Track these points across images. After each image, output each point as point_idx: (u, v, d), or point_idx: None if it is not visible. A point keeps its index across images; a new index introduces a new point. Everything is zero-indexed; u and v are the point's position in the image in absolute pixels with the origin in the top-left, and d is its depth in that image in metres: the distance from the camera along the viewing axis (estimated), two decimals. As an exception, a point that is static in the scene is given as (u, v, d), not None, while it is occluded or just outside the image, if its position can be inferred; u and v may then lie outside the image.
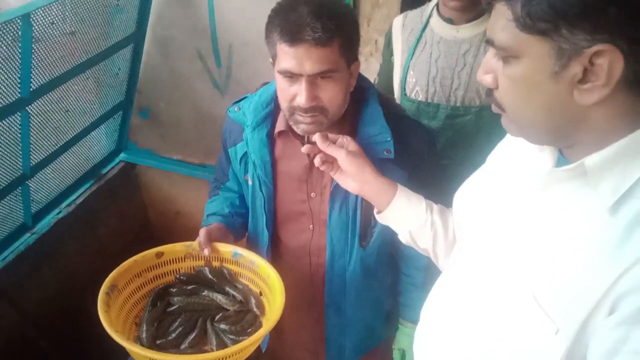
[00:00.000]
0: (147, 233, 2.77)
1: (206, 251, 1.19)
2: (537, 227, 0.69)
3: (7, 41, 1.46)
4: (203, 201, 1.39)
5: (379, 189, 0.95)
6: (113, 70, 2.13)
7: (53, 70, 1.71)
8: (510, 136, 0.76)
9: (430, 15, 1.52)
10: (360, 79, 1.15)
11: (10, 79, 1.54)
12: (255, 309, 1.14)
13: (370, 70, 1.86)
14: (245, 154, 1.22)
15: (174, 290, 1.20)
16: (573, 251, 0.62)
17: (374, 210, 1.01)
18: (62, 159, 2.05)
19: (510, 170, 0.80)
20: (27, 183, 1.87)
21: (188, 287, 1.21)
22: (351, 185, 0.97)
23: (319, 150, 0.96)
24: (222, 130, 1.29)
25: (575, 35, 0.55)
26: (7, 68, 1.51)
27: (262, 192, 1.21)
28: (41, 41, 1.60)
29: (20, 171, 1.79)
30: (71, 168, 2.18)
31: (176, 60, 2.24)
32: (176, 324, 1.13)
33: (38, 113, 1.75)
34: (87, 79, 1.98)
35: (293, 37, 0.97)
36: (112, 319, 1.04)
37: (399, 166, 1.12)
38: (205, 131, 2.39)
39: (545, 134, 0.66)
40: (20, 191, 1.86)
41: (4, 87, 1.53)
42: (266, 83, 1.23)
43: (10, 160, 1.72)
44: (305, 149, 0.99)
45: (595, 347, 0.59)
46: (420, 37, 1.53)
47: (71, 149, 2.06)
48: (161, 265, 1.21)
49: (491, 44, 0.64)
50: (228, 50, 2.13)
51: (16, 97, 1.59)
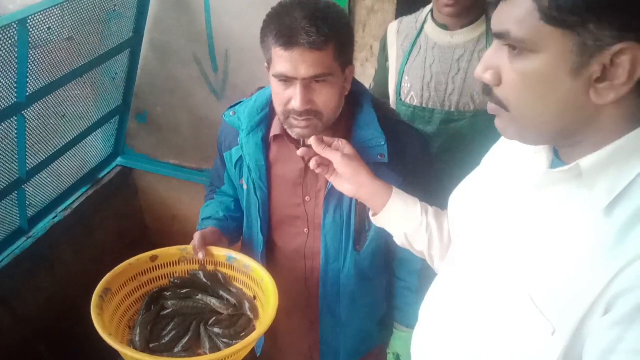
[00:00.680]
0: (144, 237, 2.77)
1: (200, 255, 1.19)
2: (533, 229, 0.69)
3: (4, 46, 1.46)
4: (200, 206, 1.40)
5: (374, 192, 0.96)
6: (110, 75, 2.13)
7: (50, 75, 1.71)
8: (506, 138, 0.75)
9: (424, 21, 1.54)
10: (355, 84, 1.16)
11: (6, 83, 1.54)
12: (248, 313, 1.14)
13: (366, 75, 1.87)
14: (240, 158, 1.22)
15: (168, 293, 1.20)
16: (569, 252, 0.62)
17: (370, 213, 1.02)
18: (59, 163, 2.05)
19: (505, 172, 0.80)
20: (23, 187, 1.87)
21: (182, 291, 1.21)
22: (347, 188, 0.98)
23: (315, 154, 0.96)
24: (218, 135, 1.30)
25: (601, 32, 0.54)
26: (3, 72, 1.51)
27: (257, 196, 1.21)
28: (38, 46, 1.61)
29: (16, 175, 1.79)
30: (68, 172, 2.18)
31: (173, 64, 2.24)
32: (170, 327, 1.13)
33: (34, 117, 1.75)
34: (84, 84, 1.99)
35: (288, 41, 0.97)
36: (106, 322, 1.04)
37: (393, 171, 1.12)
38: (202, 136, 2.39)
39: (549, 134, 0.64)
40: (16, 195, 1.86)
41: (0, 92, 1.53)
42: (262, 88, 1.23)
43: (6, 164, 1.72)
44: (301, 152, 0.99)
45: (591, 347, 0.59)
46: (414, 43, 1.54)
47: (68, 153, 2.06)
48: (155, 268, 1.21)
49: (504, 36, 0.61)
50: (225, 55, 2.14)
51: (12, 102, 1.59)
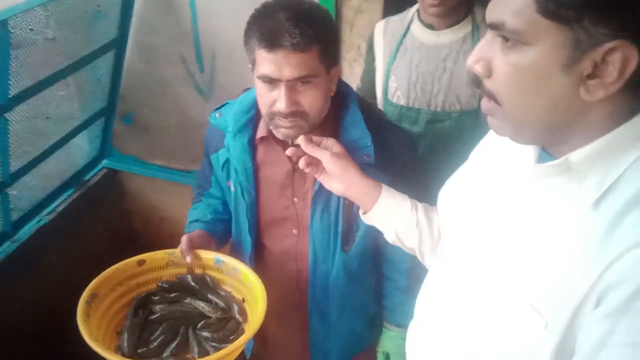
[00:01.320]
0: (132, 240, 2.74)
1: (188, 258, 1.18)
2: (523, 223, 0.69)
3: (-15, 48, 1.44)
4: (188, 207, 1.38)
5: (364, 190, 0.96)
6: (95, 76, 2.11)
7: (33, 76, 1.69)
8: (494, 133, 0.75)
9: (411, 20, 1.54)
10: (341, 85, 1.16)
11: (-12, 85, 1.52)
12: (237, 316, 1.14)
13: (354, 75, 1.87)
14: (227, 161, 1.21)
15: (156, 298, 1.19)
16: (559, 246, 0.63)
17: (360, 211, 1.01)
18: (43, 166, 2.01)
19: (494, 167, 0.80)
20: (7, 191, 1.84)
21: (170, 295, 1.20)
22: (336, 186, 0.98)
23: (303, 153, 0.96)
24: (204, 137, 1.29)
25: (596, 28, 0.54)
26: (-15, 74, 1.49)
27: (245, 199, 1.21)
28: (20, 47, 1.58)
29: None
30: (52, 175, 2.15)
31: (159, 65, 2.22)
32: (158, 332, 1.12)
33: (17, 120, 1.72)
34: (69, 85, 1.97)
35: (271, 43, 0.97)
36: (93, 329, 1.03)
37: (380, 171, 1.12)
38: (189, 137, 2.37)
39: (541, 130, 0.64)
40: (-1, 199, 1.84)
41: (-18, 94, 1.51)
42: (247, 89, 1.23)
43: (-11, 168, 1.70)
44: (289, 151, 0.99)
45: (583, 341, 0.59)
46: (401, 43, 1.54)
47: (52, 155, 2.03)
48: (143, 273, 1.20)
49: (498, 27, 0.60)
50: (211, 56, 2.12)
51: (-6, 104, 1.57)
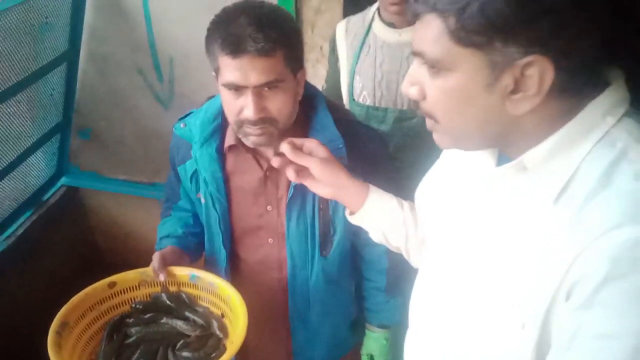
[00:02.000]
0: (97, 259, 2.65)
1: (161, 276, 1.14)
2: (492, 225, 0.70)
3: None
4: (154, 221, 1.35)
5: (354, 192, 0.94)
6: (47, 91, 2.02)
7: (-21, 96, 1.60)
8: None
9: (372, 19, 1.53)
10: (308, 87, 1.14)
11: None
12: (218, 332, 1.10)
13: (318, 76, 1.86)
14: (195, 172, 1.18)
15: (131, 320, 1.14)
16: (526, 245, 0.64)
17: (346, 212, 0.99)
18: (-3, 188, 1.93)
19: (463, 168, 0.81)
20: (-41, 217, 1.74)
21: (145, 316, 1.15)
22: (325, 191, 0.94)
23: (289, 162, 0.90)
24: (169, 148, 1.25)
25: (508, 48, 0.57)
26: None
27: (217, 210, 1.17)
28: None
29: (-50, 205, 1.67)
30: (8, 197, 2.06)
31: (115, 76, 2.15)
32: (135, 356, 1.08)
33: (-35, 142, 1.63)
34: (19, 102, 1.88)
35: (235, 49, 0.94)
36: (65, 359, 0.98)
37: (354, 172, 1.10)
38: (151, 148, 2.31)
39: (479, 141, 0.68)
40: (-49, 226, 1.73)
41: None
42: (212, 97, 1.19)
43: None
44: (275, 162, 0.92)
45: (556, 335, 0.60)
46: (363, 42, 1.54)
47: (7, 176, 1.94)
48: (115, 295, 1.15)
49: (420, 56, 0.64)
50: (169, 64, 2.07)
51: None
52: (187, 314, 1.14)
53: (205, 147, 1.14)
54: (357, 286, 1.33)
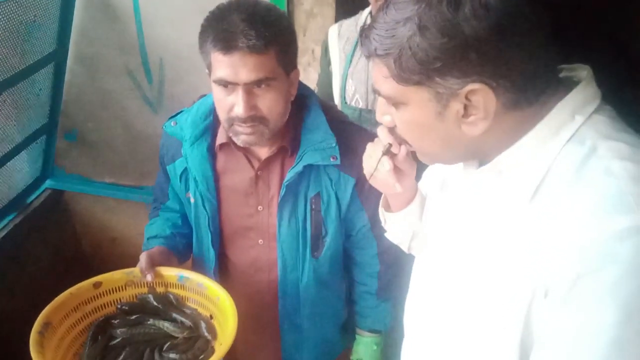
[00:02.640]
0: (82, 264, 2.59)
1: (149, 277, 1.12)
2: (472, 226, 0.73)
3: None
4: (141, 225, 1.32)
5: (412, 188, 0.94)
6: (33, 92, 1.98)
7: (-37, 94, 1.56)
8: None
9: (364, 23, 1.54)
10: (301, 87, 1.14)
11: None
12: (206, 334, 1.08)
13: (310, 80, 1.85)
14: (185, 170, 1.16)
15: (116, 321, 1.12)
16: (504, 245, 0.66)
17: (381, 204, 0.99)
18: (-20, 190, 1.88)
19: (451, 170, 0.83)
20: (-61, 219, 1.69)
21: (131, 317, 1.13)
22: (405, 184, 0.89)
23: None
24: (159, 147, 1.23)
25: (447, 81, 0.60)
26: None
27: (206, 209, 1.16)
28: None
29: None
30: (-9, 200, 2.01)
31: (103, 78, 2.12)
32: (120, 357, 1.05)
33: (-53, 141, 1.59)
34: (4, 102, 1.84)
35: (227, 45, 0.94)
36: (48, 361, 0.95)
37: (346, 172, 1.11)
38: (139, 151, 2.28)
39: (453, 158, 0.73)
40: None
41: None
42: (204, 95, 1.18)
43: None
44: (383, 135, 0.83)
45: (538, 333, 0.62)
46: (356, 46, 1.54)
47: (-11, 178, 1.90)
48: (100, 296, 1.13)
49: (378, 93, 0.69)
50: (159, 65, 2.05)
51: None
52: (175, 315, 1.12)
53: (196, 146, 1.12)
54: (348, 290, 1.31)
